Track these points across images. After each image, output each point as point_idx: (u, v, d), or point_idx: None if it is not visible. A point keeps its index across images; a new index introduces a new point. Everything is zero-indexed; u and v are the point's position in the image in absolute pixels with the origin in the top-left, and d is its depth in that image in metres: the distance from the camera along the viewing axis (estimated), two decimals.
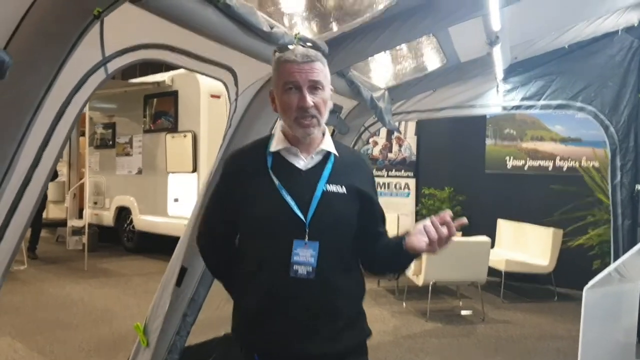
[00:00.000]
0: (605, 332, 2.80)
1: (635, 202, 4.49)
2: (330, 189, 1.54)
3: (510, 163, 7.27)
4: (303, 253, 1.48)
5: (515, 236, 6.60)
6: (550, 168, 6.98)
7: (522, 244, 6.44)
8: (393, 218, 7.26)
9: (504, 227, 6.72)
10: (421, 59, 3.84)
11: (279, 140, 1.57)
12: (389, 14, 2.40)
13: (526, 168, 7.17)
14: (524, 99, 4.82)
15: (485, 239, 5.45)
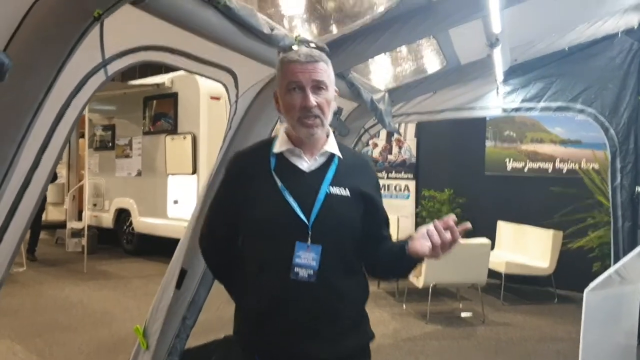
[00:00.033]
0: (606, 335, 2.79)
1: (635, 204, 4.48)
2: (334, 191, 1.52)
3: (510, 165, 7.27)
4: (305, 256, 1.46)
5: (515, 238, 6.59)
6: (550, 170, 6.98)
7: (522, 246, 6.43)
8: (393, 220, 7.19)
9: (504, 229, 6.72)
10: (421, 61, 3.84)
11: (282, 142, 1.56)
12: (389, 15, 2.39)
13: (526, 170, 7.17)
14: (524, 101, 4.82)
15: (485, 241, 5.44)
